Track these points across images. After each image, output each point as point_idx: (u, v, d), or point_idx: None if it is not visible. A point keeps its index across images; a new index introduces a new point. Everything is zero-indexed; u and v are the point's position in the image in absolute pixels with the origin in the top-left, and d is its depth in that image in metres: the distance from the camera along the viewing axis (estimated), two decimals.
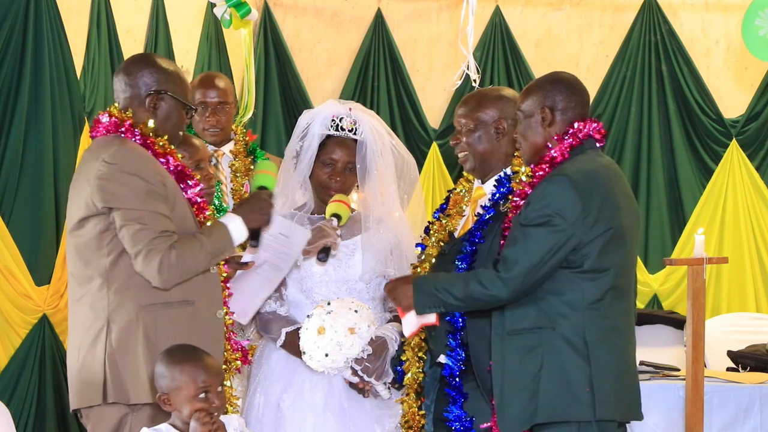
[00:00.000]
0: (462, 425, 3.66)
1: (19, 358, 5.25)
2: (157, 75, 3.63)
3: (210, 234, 3.54)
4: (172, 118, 3.65)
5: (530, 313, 3.44)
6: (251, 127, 7.34)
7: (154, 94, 3.61)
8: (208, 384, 3.18)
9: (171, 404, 3.19)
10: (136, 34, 6.24)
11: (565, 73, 3.68)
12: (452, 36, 6.98)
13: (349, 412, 3.99)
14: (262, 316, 4.10)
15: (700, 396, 4.62)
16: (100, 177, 3.48)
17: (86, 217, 3.50)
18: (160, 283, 3.44)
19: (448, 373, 3.70)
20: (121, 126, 3.56)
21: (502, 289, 3.42)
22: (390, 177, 4.15)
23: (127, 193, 3.45)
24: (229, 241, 3.58)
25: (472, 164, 3.87)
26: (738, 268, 7.21)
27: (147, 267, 3.43)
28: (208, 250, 3.51)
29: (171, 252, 3.42)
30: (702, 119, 7.42)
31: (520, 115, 3.62)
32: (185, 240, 3.48)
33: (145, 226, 3.43)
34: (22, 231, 5.18)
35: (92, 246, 3.50)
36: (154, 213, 3.45)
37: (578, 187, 3.40)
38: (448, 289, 3.52)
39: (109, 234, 3.48)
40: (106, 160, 3.49)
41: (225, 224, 3.59)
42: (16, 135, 5.22)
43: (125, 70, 3.66)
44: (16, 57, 5.24)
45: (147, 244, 3.42)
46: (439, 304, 3.56)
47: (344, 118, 4.15)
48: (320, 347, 3.90)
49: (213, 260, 3.54)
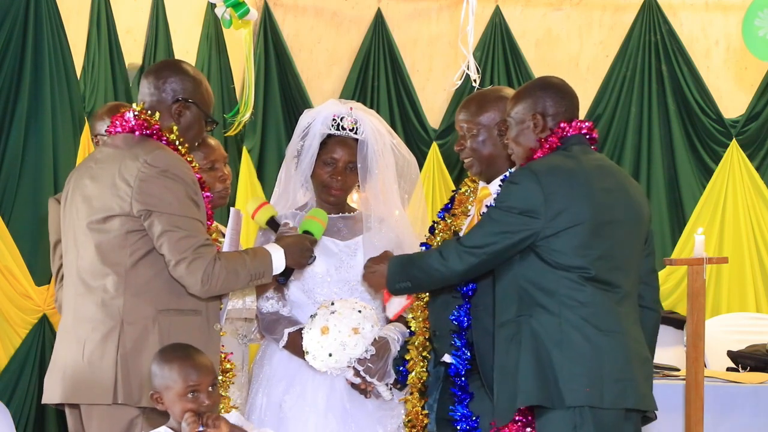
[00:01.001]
0: (467, 424, 3.67)
1: (19, 358, 5.26)
2: (186, 83, 3.61)
3: (254, 257, 3.56)
4: (194, 128, 3.64)
5: (514, 304, 3.48)
6: (251, 128, 7.36)
7: (181, 102, 3.59)
8: (197, 383, 3.17)
9: (163, 403, 3.19)
10: (136, 34, 6.24)
11: (553, 77, 3.70)
12: (452, 36, 6.98)
13: (351, 412, 3.98)
14: (264, 317, 4.10)
15: (700, 396, 4.62)
16: (143, 179, 3.44)
17: (115, 215, 3.47)
18: (201, 292, 3.44)
19: (453, 372, 3.71)
20: (149, 128, 3.54)
21: (457, 262, 3.52)
22: (391, 176, 4.15)
23: (171, 198, 3.43)
24: (270, 268, 3.59)
25: (479, 168, 3.87)
26: (738, 268, 7.22)
27: (190, 275, 3.42)
28: (249, 271, 3.52)
29: (216, 263, 3.43)
30: (702, 119, 7.42)
31: (511, 121, 3.63)
32: (231, 255, 3.51)
33: (189, 234, 3.42)
34: (22, 231, 5.19)
35: (114, 244, 3.47)
36: (195, 221, 3.46)
37: (541, 180, 3.44)
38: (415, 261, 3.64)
39: (136, 235, 3.45)
40: (149, 162, 3.45)
41: (270, 252, 3.61)
42: (16, 135, 5.23)
43: (156, 74, 3.63)
44: (16, 57, 5.24)
45: (193, 252, 3.40)
46: (406, 279, 3.65)
47: (345, 118, 4.15)
48: (324, 347, 3.90)
49: (251, 282, 3.56)
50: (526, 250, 3.48)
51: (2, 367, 5.19)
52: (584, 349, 3.40)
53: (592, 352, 3.40)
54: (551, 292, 3.43)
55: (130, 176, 3.45)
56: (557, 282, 3.43)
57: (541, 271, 3.45)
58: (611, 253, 3.47)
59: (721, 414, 4.94)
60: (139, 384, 3.43)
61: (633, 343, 3.49)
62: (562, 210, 3.44)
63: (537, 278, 3.46)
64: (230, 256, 3.51)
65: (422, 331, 3.88)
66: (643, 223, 3.62)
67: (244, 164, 7.42)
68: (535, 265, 3.46)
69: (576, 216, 3.44)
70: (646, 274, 3.67)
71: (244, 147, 7.43)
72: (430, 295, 3.86)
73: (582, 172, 3.49)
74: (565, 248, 3.43)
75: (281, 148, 7.45)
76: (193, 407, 3.15)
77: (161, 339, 3.44)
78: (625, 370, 3.43)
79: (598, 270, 3.43)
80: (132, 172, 3.45)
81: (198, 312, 3.53)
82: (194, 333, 3.49)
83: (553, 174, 3.46)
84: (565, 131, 3.56)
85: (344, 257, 4.11)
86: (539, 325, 3.42)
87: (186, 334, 3.46)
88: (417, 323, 3.88)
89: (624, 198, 3.56)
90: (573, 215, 3.44)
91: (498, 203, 3.53)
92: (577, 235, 3.43)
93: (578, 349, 3.40)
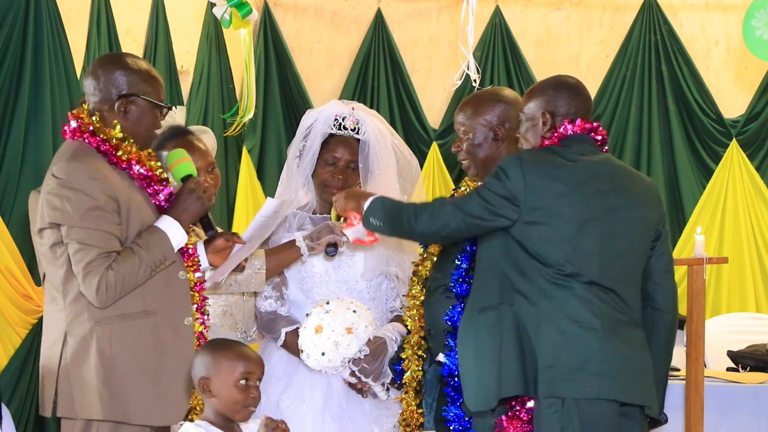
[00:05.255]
0: (460, 425, 3.66)
1: (19, 358, 5.26)
2: (128, 77, 3.51)
3: (148, 246, 3.42)
4: (145, 121, 3.53)
5: (495, 289, 3.47)
6: (251, 128, 7.36)
7: (124, 98, 3.50)
8: (251, 371, 3.19)
9: (210, 390, 3.19)
10: (136, 34, 6.24)
11: (568, 77, 3.68)
12: (452, 36, 6.98)
13: (348, 412, 3.99)
14: (263, 316, 4.11)
15: (700, 396, 4.62)
16: (47, 191, 3.41)
17: (42, 228, 3.45)
18: (99, 303, 3.36)
19: (447, 373, 3.70)
20: (85, 132, 3.47)
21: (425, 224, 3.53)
22: (392, 176, 4.16)
23: (70, 209, 3.36)
24: (169, 248, 3.45)
25: (475, 170, 3.87)
26: (738, 268, 7.22)
27: (86, 289, 3.36)
28: (147, 264, 3.40)
29: (108, 273, 3.34)
30: (702, 119, 7.42)
31: (522, 116, 3.63)
32: (123, 257, 3.38)
33: (83, 246, 3.35)
34: (22, 231, 5.18)
35: (49, 257, 3.45)
36: (96, 231, 3.36)
37: (525, 169, 3.44)
38: (394, 203, 3.65)
39: (61, 247, 3.41)
40: (54, 173, 3.41)
41: (163, 230, 3.46)
42: (16, 135, 5.22)
43: (93, 73, 3.54)
44: (16, 57, 5.24)
45: (85, 267, 3.35)
46: (379, 214, 3.65)
47: (347, 118, 4.16)
48: (317, 346, 3.91)
49: (154, 271, 3.43)
50: (509, 237, 3.47)
51: (2, 367, 5.18)
52: (558, 340, 3.39)
53: (567, 344, 3.39)
54: (531, 281, 3.43)
55: (43, 188, 3.44)
56: (536, 272, 3.43)
57: (522, 258, 3.45)
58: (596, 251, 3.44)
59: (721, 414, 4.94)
60: (77, 396, 3.40)
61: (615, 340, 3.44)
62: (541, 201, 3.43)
63: (518, 265, 3.45)
64: (124, 257, 3.38)
65: (418, 330, 3.88)
66: (647, 224, 3.59)
67: (244, 164, 7.42)
68: (517, 254, 3.46)
69: (554, 210, 3.43)
70: (659, 276, 3.62)
71: (244, 147, 7.43)
72: (425, 293, 3.87)
73: (570, 169, 3.48)
74: (543, 241, 3.42)
75: (281, 148, 7.46)
76: (242, 397, 3.17)
77: (100, 349, 3.38)
78: (602, 364, 3.40)
79: (577, 266, 3.41)
80: (45, 184, 3.45)
81: (149, 312, 3.44)
82: (143, 336, 3.42)
83: (538, 166, 3.46)
84: (567, 130, 3.56)
85: (343, 257, 4.11)
86: (520, 314, 3.42)
87: (131, 339, 3.41)
88: (413, 322, 3.88)
89: (622, 199, 3.53)
90: (551, 209, 3.43)
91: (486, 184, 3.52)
92: (556, 229, 3.42)
93: (553, 340, 3.39)
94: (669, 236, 3.76)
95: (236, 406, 3.18)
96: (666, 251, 3.67)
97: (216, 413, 3.20)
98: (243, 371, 3.18)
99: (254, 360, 3.23)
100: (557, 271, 3.42)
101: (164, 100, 3.61)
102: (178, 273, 3.50)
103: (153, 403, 3.43)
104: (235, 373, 3.18)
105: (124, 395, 3.40)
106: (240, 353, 3.21)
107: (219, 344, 3.27)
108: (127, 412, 3.40)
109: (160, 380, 3.44)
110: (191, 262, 3.53)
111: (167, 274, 3.47)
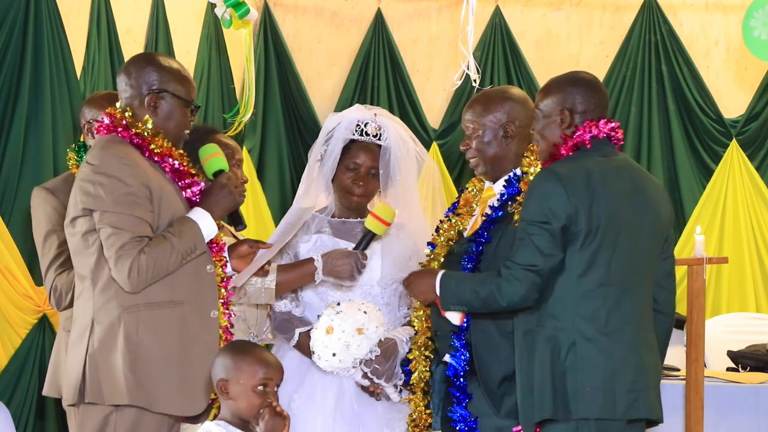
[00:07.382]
0: (466, 425, 3.66)
1: (19, 358, 5.26)
2: (158, 74, 3.62)
3: (180, 234, 3.48)
4: (174, 117, 3.63)
5: (534, 314, 3.45)
6: (251, 128, 7.35)
7: (153, 93, 3.60)
8: (269, 378, 3.20)
9: (228, 392, 3.20)
10: (136, 34, 6.24)
11: (585, 73, 3.66)
12: (452, 36, 6.97)
13: (360, 415, 3.99)
14: (277, 316, 4.12)
15: (700, 396, 4.62)
16: (81, 178, 3.51)
17: (76, 217, 3.52)
18: (130, 287, 3.42)
19: (452, 374, 3.71)
20: (119, 126, 3.56)
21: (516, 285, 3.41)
22: (413, 183, 4.16)
23: (104, 194, 3.44)
24: (200, 238, 3.52)
25: (483, 168, 3.87)
26: (738, 268, 7.21)
27: (118, 272, 3.42)
28: (179, 251, 3.47)
29: (140, 257, 3.40)
30: (702, 119, 7.42)
31: (539, 113, 3.60)
32: (155, 243, 3.44)
33: (117, 230, 3.42)
34: (22, 231, 5.18)
35: (81, 245, 3.52)
36: (129, 216, 3.43)
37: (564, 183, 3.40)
38: (474, 289, 3.51)
39: (94, 234, 3.48)
40: (88, 161, 3.52)
41: (195, 221, 3.54)
42: (16, 135, 5.23)
43: (126, 70, 3.67)
44: (16, 57, 5.24)
45: (117, 250, 3.41)
46: (462, 303, 3.56)
47: (369, 123, 4.16)
48: (328, 346, 3.92)
49: (185, 260, 3.49)
50: None
51: (2, 367, 5.19)
52: (596, 359, 3.37)
53: (605, 362, 3.37)
54: (564, 301, 3.40)
55: (78, 176, 3.53)
56: (571, 290, 3.40)
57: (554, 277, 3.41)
58: (625, 258, 3.43)
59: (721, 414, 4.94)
60: (104, 382, 3.44)
61: (646, 352, 3.46)
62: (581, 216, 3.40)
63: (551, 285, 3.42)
64: (156, 243, 3.44)
65: (425, 330, 3.88)
66: (661, 226, 3.57)
67: (244, 164, 7.41)
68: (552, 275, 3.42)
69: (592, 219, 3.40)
70: (663, 278, 3.62)
71: (244, 147, 7.43)
72: None
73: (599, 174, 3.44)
74: (579, 255, 3.40)
75: (281, 148, 7.46)
76: (260, 402, 3.17)
77: (127, 336, 3.44)
78: (637, 380, 3.41)
79: (611, 276, 3.40)
80: (79, 171, 3.54)
81: (177, 303, 3.49)
82: (169, 326, 3.47)
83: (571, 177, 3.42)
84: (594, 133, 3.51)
85: None
86: (553, 335, 3.39)
87: (157, 328, 3.45)
88: (419, 322, 3.88)
89: (639, 200, 3.51)
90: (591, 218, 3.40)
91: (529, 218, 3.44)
92: (591, 241, 3.40)
93: (590, 360, 3.37)
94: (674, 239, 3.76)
95: (253, 411, 3.18)
96: (671, 254, 3.67)
97: (233, 414, 3.20)
98: (262, 377, 3.19)
99: (274, 366, 3.24)
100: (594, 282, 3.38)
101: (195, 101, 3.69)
102: (206, 266, 3.55)
103: (176, 393, 3.47)
104: (254, 378, 3.19)
105: (149, 381, 3.44)
106: (261, 358, 3.22)
107: (240, 347, 3.27)
108: (151, 399, 3.45)
109: (185, 371, 3.48)
110: (219, 257, 3.59)
111: (195, 266, 3.53)
